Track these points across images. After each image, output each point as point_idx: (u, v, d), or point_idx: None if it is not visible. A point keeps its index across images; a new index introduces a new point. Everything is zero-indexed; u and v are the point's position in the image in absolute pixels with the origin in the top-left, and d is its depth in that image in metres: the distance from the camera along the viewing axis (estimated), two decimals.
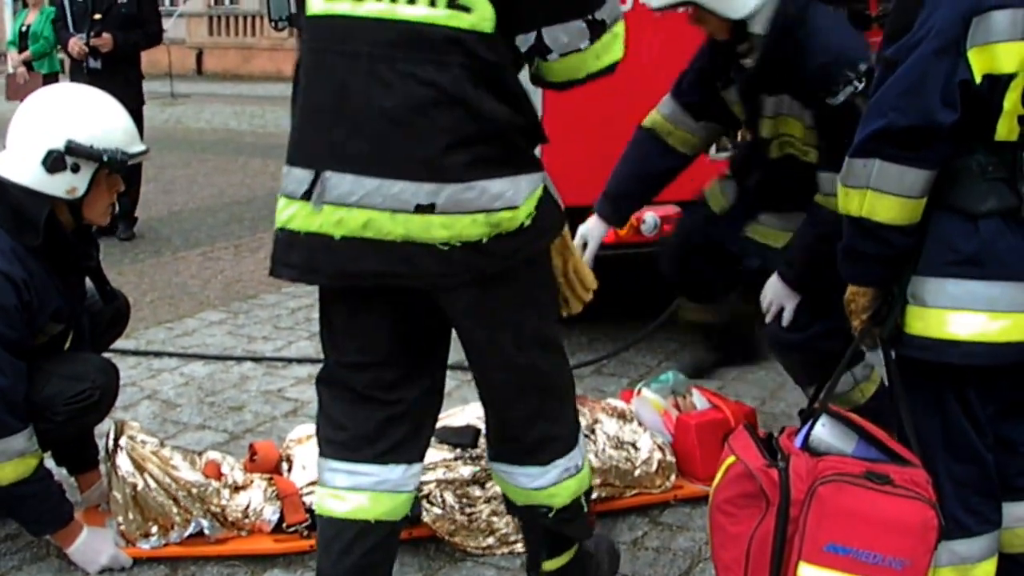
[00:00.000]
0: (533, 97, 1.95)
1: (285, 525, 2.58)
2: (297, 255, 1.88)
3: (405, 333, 1.97)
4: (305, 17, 1.89)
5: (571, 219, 2.20)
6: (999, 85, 1.78)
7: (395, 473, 2.02)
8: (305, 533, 2.57)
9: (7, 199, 2.39)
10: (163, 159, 8.93)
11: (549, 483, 2.07)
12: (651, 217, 3.66)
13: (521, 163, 1.88)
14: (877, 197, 1.83)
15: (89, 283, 2.65)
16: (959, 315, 1.84)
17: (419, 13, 1.78)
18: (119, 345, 3.31)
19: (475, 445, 2.68)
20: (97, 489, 2.72)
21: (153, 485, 2.53)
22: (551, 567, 2.24)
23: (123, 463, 2.53)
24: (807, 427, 1.99)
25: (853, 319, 2.02)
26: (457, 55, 1.78)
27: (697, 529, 2.70)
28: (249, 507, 2.59)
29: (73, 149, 2.36)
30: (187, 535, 2.54)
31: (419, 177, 1.79)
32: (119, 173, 2.51)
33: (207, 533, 2.55)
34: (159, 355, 4.13)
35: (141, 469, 2.53)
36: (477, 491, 2.62)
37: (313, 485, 2.62)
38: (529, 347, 1.98)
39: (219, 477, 2.63)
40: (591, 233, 2.98)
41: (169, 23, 16.62)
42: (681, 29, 3.61)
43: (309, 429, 2.91)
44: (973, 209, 1.84)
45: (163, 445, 2.68)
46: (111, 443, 2.58)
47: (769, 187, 2.92)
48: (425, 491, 2.54)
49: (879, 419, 2.07)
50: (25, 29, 7.27)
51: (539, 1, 1.82)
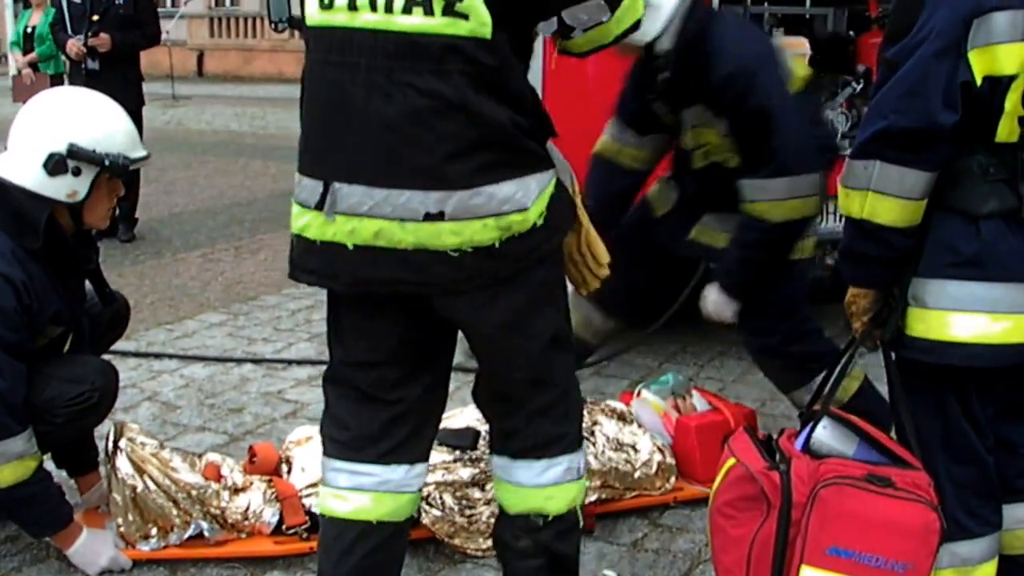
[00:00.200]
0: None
1: (285, 527, 2.58)
2: (315, 262, 1.89)
3: (413, 334, 1.97)
4: (306, 26, 1.88)
5: None
6: (1000, 86, 1.78)
7: (397, 473, 2.01)
8: (304, 535, 2.57)
9: (8, 201, 2.39)
10: (164, 161, 8.93)
11: (550, 481, 2.03)
12: None
13: (528, 163, 1.86)
14: (878, 199, 1.82)
15: (88, 285, 2.65)
16: (960, 317, 1.84)
17: (416, 23, 1.76)
18: (119, 347, 3.31)
19: (475, 447, 2.68)
20: (97, 491, 2.72)
21: (153, 487, 2.52)
22: None
23: (123, 465, 2.53)
24: (808, 429, 1.99)
25: (854, 321, 2.01)
26: (457, 62, 1.77)
27: (697, 531, 2.70)
28: (249, 509, 2.58)
29: (75, 152, 2.36)
30: (187, 537, 2.54)
31: (425, 186, 1.79)
32: (120, 178, 2.51)
33: (207, 535, 2.55)
34: (159, 357, 4.13)
35: (141, 471, 2.53)
36: (477, 493, 2.62)
37: (313, 487, 2.62)
38: (544, 345, 1.98)
39: (219, 479, 2.63)
40: None
41: (170, 25, 16.63)
42: None
43: (309, 431, 2.91)
44: (974, 210, 1.84)
45: (163, 447, 2.68)
46: (111, 445, 2.58)
47: (702, 194, 2.98)
48: (424, 493, 2.53)
49: (864, 418, 2.07)
50: (30, 31, 7.27)
51: None
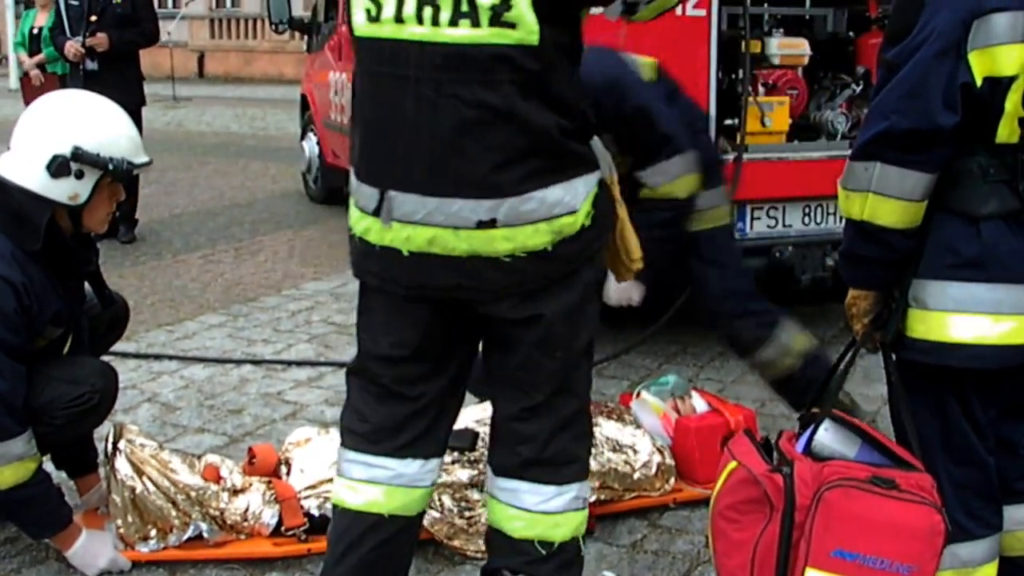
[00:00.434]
0: None
1: (284, 528, 2.58)
2: (375, 264, 1.93)
3: (442, 330, 1.98)
4: (353, 37, 1.88)
5: None
6: (1000, 87, 1.78)
7: (412, 468, 2.02)
8: (303, 537, 2.56)
9: (8, 201, 2.39)
10: (164, 162, 8.93)
11: (558, 508, 1.99)
12: None
13: (574, 166, 1.88)
14: (879, 200, 1.82)
15: (88, 287, 2.65)
16: (961, 318, 1.83)
17: (463, 34, 1.77)
18: (119, 348, 3.31)
19: (473, 448, 2.67)
20: (96, 492, 2.72)
21: (152, 488, 2.52)
22: None
23: (122, 466, 2.53)
24: (809, 431, 1.98)
25: (854, 323, 2.00)
26: (505, 71, 1.78)
27: (696, 532, 2.70)
28: (248, 510, 2.58)
29: (79, 155, 2.37)
30: (186, 538, 2.53)
31: (476, 195, 1.81)
32: (122, 182, 2.51)
33: (206, 536, 2.54)
34: (159, 358, 4.13)
35: (140, 472, 2.53)
36: (475, 495, 2.61)
37: (312, 489, 2.63)
38: (582, 347, 1.99)
39: (218, 480, 2.62)
40: None
41: (171, 26, 16.65)
42: (679, 31, 3.63)
43: (308, 432, 2.92)
44: (974, 212, 1.83)
45: (162, 448, 2.68)
46: (110, 446, 2.58)
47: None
48: None
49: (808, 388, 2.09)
50: (36, 31, 7.28)
51: None
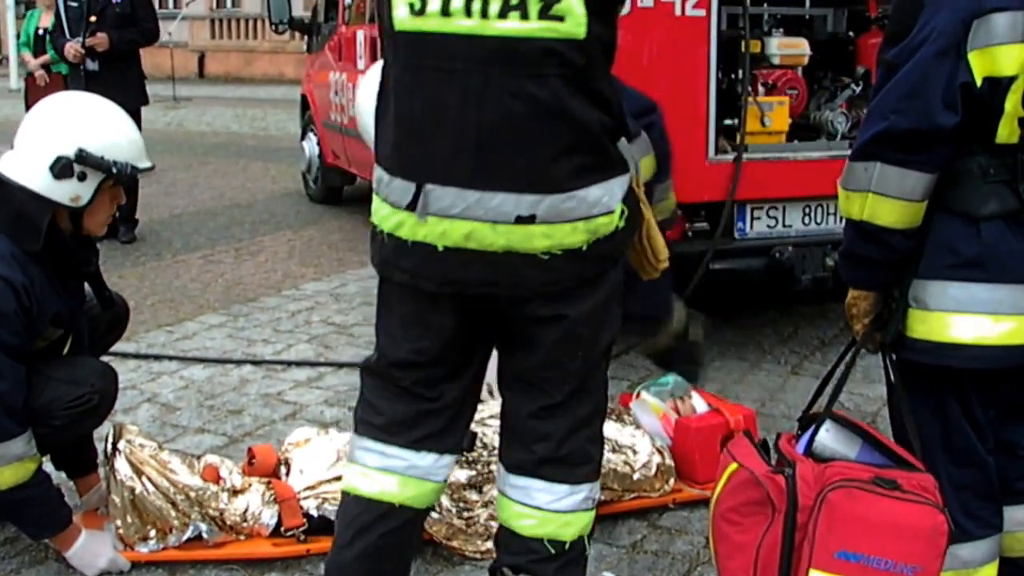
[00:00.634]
0: None
1: (283, 529, 2.58)
2: (407, 261, 1.90)
3: (463, 335, 1.98)
4: (392, 32, 1.85)
5: None
6: (1000, 88, 1.78)
7: (426, 461, 2.02)
8: (302, 537, 2.56)
9: (10, 201, 2.39)
10: (164, 162, 8.93)
11: (570, 508, 1.99)
12: None
13: (612, 166, 1.89)
14: (878, 200, 1.82)
15: (88, 288, 2.65)
16: (962, 318, 1.83)
17: (513, 27, 1.76)
18: (119, 348, 3.31)
19: (471, 449, 2.66)
20: (96, 492, 2.72)
21: (151, 489, 2.52)
22: None
23: (121, 467, 2.53)
24: (809, 433, 1.98)
25: (854, 323, 2.00)
26: (554, 66, 1.78)
27: (695, 533, 2.70)
28: (247, 511, 2.58)
29: (83, 158, 2.37)
30: (185, 539, 2.53)
31: (520, 189, 1.80)
32: (123, 186, 2.52)
33: (205, 537, 2.54)
34: (159, 358, 4.13)
35: (139, 473, 2.53)
36: (474, 495, 2.62)
37: (311, 489, 2.62)
38: (599, 353, 1.99)
39: (217, 481, 2.62)
40: None
41: (172, 26, 16.67)
42: (679, 31, 3.62)
43: (307, 433, 2.91)
44: (975, 212, 1.83)
45: (161, 448, 2.67)
46: (110, 447, 2.57)
47: None
48: None
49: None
50: (42, 32, 7.28)
51: None
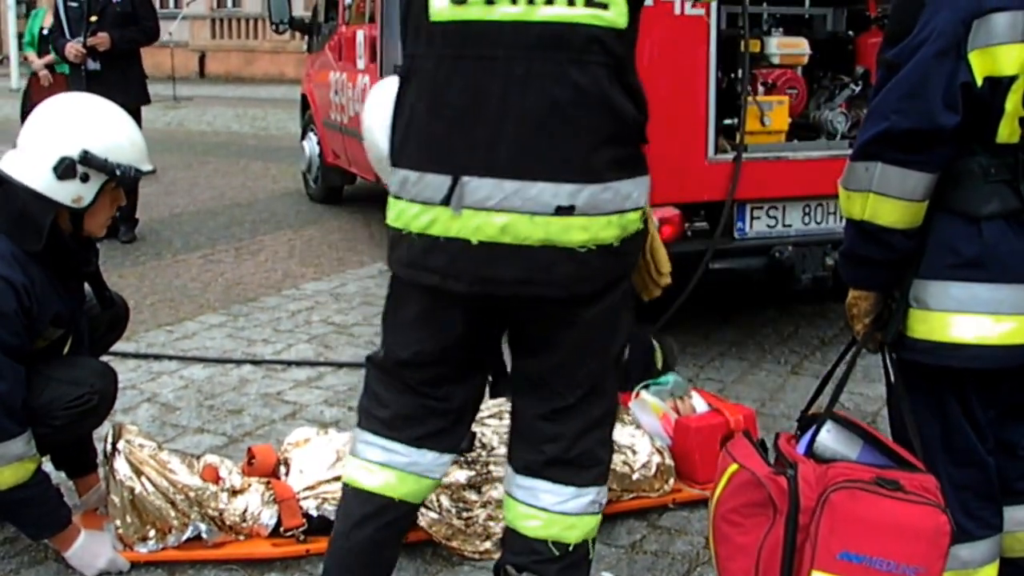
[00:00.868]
0: None
1: (282, 529, 2.58)
2: (437, 260, 1.86)
3: (472, 338, 1.97)
4: (426, 22, 1.83)
5: None
6: (1000, 87, 1.78)
7: (427, 458, 2.03)
8: (302, 537, 2.56)
9: (12, 201, 2.39)
10: (165, 161, 8.93)
11: (575, 510, 1.98)
12: None
13: (641, 164, 1.90)
14: (879, 200, 1.82)
15: (88, 288, 2.65)
16: (963, 318, 1.83)
17: (559, 13, 1.77)
18: (119, 348, 3.31)
19: (471, 449, 2.67)
20: (95, 493, 2.72)
21: (151, 489, 2.52)
22: None
23: (121, 467, 2.53)
24: (810, 433, 1.97)
25: (855, 323, 2.00)
26: (597, 54, 1.79)
27: (695, 533, 2.70)
28: (247, 511, 2.58)
29: (87, 159, 2.37)
30: (185, 539, 2.53)
31: (561, 178, 1.79)
32: (125, 188, 2.52)
33: (205, 537, 2.54)
34: (159, 358, 4.13)
35: (139, 473, 2.53)
36: (473, 495, 2.61)
37: (311, 489, 2.62)
38: (613, 356, 1.99)
39: (217, 481, 2.62)
40: None
41: (172, 26, 16.67)
42: (678, 30, 3.62)
43: (307, 433, 2.91)
44: (975, 212, 1.83)
45: (161, 448, 2.67)
46: (109, 446, 2.57)
47: None
48: None
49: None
50: (47, 32, 7.28)
51: None
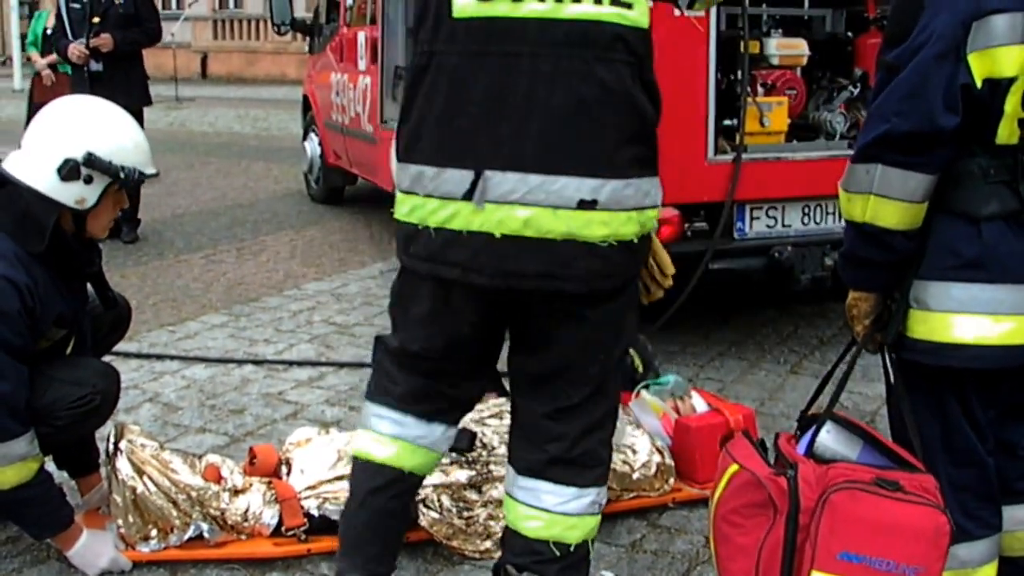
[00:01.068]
0: None
1: (284, 529, 2.58)
2: (459, 254, 1.86)
3: (480, 332, 1.99)
4: (448, 18, 1.84)
5: None
6: (999, 89, 1.78)
7: (436, 432, 2.09)
8: (303, 537, 2.57)
9: (16, 201, 2.40)
10: (167, 162, 8.95)
11: (576, 511, 1.99)
12: None
13: (656, 165, 1.93)
14: (880, 202, 1.82)
15: (91, 288, 2.65)
16: (963, 318, 1.83)
17: (587, 11, 1.81)
18: (121, 348, 3.32)
19: (471, 449, 2.67)
20: (98, 492, 2.72)
21: (153, 488, 2.53)
22: None
23: (123, 466, 2.53)
24: (810, 434, 1.98)
25: (855, 325, 2.00)
26: (622, 52, 1.82)
27: (695, 532, 2.71)
28: (248, 510, 2.59)
29: (91, 161, 2.38)
30: (186, 538, 2.54)
31: (584, 172, 1.81)
32: (128, 191, 2.53)
33: (206, 536, 2.55)
34: (161, 358, 4.14)
35: (141, 472, 2.53)
36: (473, 495, 2.62)
37: (312, 489, 2.63)
38: (617, 356, 2.01)
39: (219, 480, 2.63)
40: None
41: (175, 27, 16.69)
42: (678, 31, 3.63)
43: (308, 432, 2.92)
44: (975, 212, 1.84)
45: (163, 448, 2.68)
46: (111, 446, 2.58)
47: None
48: (422, 495, 2.53)
49: None
50: (50, 32, 7.29)
51: None
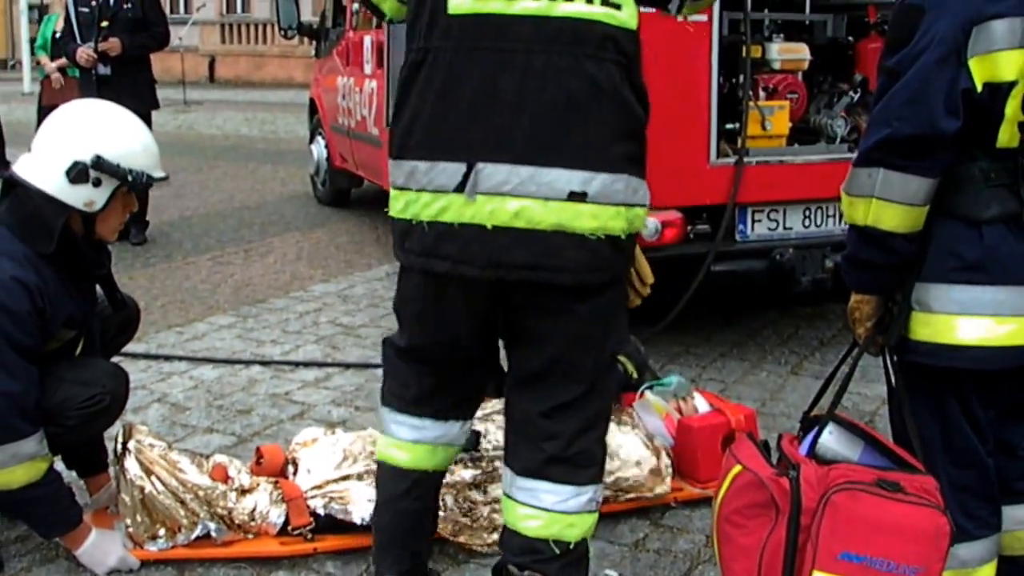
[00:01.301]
0: None
1: (290, 528, 2.60)
2: (450, 246, 1.89)
3: (477, 326, 2.03)
4: (443, 15, 1.88)
5: None
6: (1000, 93, 1.79)
7: (454, 429, 2.16)
8: (309, 536, 2.59)
9: (25, 203, 2.43)
10: (175, 164, 8.99)
11: (575, 509, 2.00)
12: (652, 222, 3.64)
13: (645, 166, 1.96)
14: (882, 206, 1.83)
15: (100, 290, 2.67)
16: (965, 320, 1.85)
17: (578, 10, 1.85)
18: (129, 348, 3.34)
19: (476, 447, 2.69)
20: (106, 492, 2.74)
21: (161, 488, 2.55)
22: None
23: (131, 466, 2.55)
24: (812, 435, 1.99)
25: (857, 327, 2.01)
26: (612, 51, 1.87)
27: (697, 531, 2.72)
28: (255, 510, 2.61)
29: (99, 164, 2.40)
30: (194, 537, 2.56)
31: (575, 165, 1.85)
32: (137, 194, 2.56)
33: (214, 535, 2.57)
34: (169, 359, 4.16)
35: (149, 472, 2.55)
36: (477, 495, 2.64)
37: (318, 488, 2.65)
38: (609, 355, 2.04)
39: (226, 480, 2.65)
40: None
41: (183, 31, 16.77)
42: (681, 36, 3.64)
43: (315, 433, 2.94)
44: (976, 215, 1.85)
45: (171, 448, 2.70)
46: (119, 446, 2.60)
47: None
48: None
49: None
50: (59, 36, 7.34)
51: None
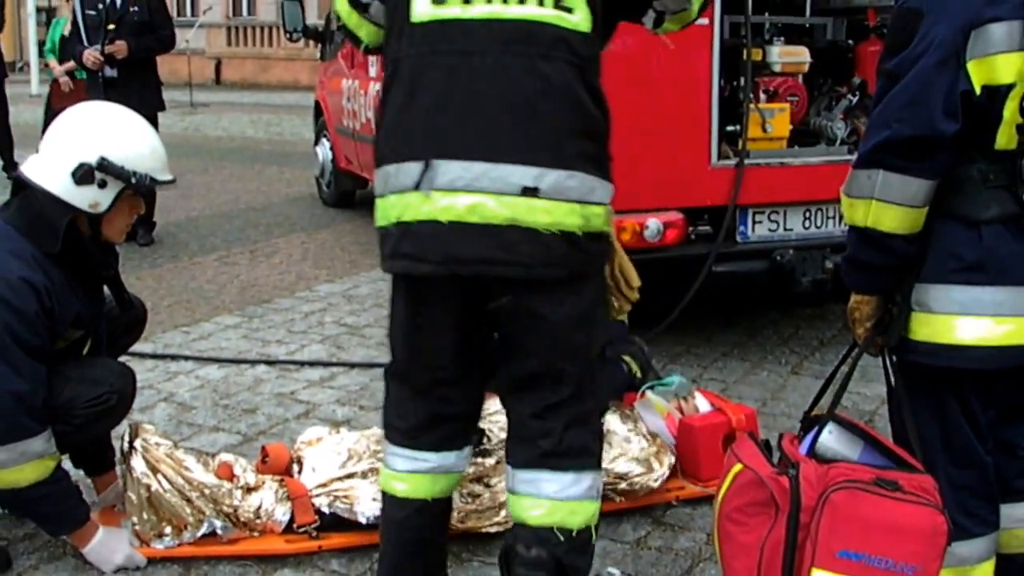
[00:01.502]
0: None
1: (295, 526, 2.62)
2: (409, 245, 1.93)
3: (461, 335, 2.05)
4: (406, 24, 1.94)
5: None
6: (998, 95, 1.81)
7: (449, 459, 2.18)
8: (314, 534, 2.61)
9: (31, 203, 2.45)
10: (182, 166, 9.02)
11: (576, 496, 2.02)
12: (654, 223, 3.65)
13: (606, 170, 1.98)
14: (882, 207, 1.85)
15: (107, 290, 2.69)
16: (965, 320, 1.86)
17: (530, 12, 1.90)
18: (136, 348, 3.37)
19: (480, 444, 2.71)
20: (113, 490, 2.76)
21: (167, 486, 2.57)
22: None
23: (138, 465, 2.57)
24: (812, 434, 2.01)
25: (856, 328, 2.03)
26: (564, 52, 1.90)
27: (698, 529, 2.74)
28: (260, 508, 2.63)
29: (104, 166, 2.42)
30: (200, 535, 2.58)
31: (527, 161, 1.87)
32: (143, 196, 2.58)
33: (219, 533, 2.59)
34: (175, 358, 4.19)
35: (155, 471, 2.57)
36: (479, 488, 2.66)
37: (323, 487, 2.67)
38: (596, 355, 2.05)
39: (231, 478, 2.67)
40: None
41: (189, 34, 16.82)
42: (683, 39, 3.65)
43: (320, 431, 2.96)
44: (975, 216, 1.86)
45: (177, 447, 2.72)
46: (126, 445, 2.62)
47: None
48: None
49: None
50: (67, 38, 7.38)
51: None
